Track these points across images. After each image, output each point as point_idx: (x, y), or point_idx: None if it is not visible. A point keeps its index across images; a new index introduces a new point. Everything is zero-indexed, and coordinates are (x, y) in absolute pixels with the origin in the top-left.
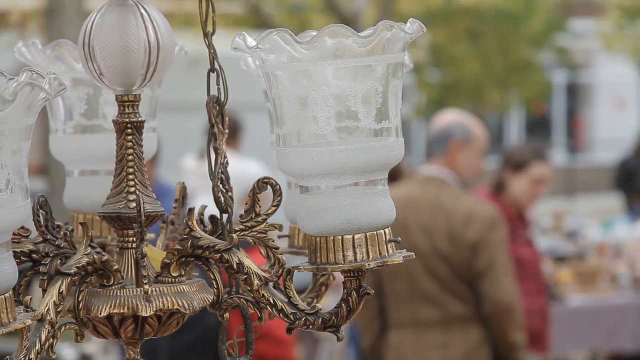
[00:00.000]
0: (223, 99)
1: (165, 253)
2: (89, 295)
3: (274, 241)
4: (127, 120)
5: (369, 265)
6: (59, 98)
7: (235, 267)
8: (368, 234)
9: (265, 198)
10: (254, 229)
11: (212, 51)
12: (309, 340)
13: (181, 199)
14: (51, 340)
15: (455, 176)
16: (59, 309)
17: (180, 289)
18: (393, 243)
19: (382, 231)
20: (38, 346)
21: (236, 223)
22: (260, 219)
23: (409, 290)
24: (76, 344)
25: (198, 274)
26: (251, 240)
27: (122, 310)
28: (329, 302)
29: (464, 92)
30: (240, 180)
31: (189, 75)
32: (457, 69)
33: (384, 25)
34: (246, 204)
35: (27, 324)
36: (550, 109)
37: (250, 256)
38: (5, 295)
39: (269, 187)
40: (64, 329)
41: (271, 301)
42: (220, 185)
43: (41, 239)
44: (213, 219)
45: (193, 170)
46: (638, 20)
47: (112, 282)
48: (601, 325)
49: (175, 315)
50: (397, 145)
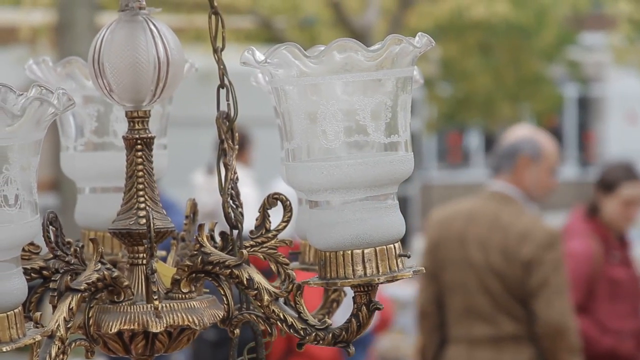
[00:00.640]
0: (233, 114)
1: (175, 269)
2: (99, 311)
3: (284, 257)
4: (137, 136)
5: (378, 279)
6: (70, 115)
7: (245, 283)
8: (377, 249)
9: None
10: (264, 245)
11: (222, 67)
12: None
13: (191, 215)
14: (61, 356)
15: (521, 192)
16: (69, 325)
17: (191, 305)
18: (403, 257)
19: (392, 245)
20: None
21: (246, 239)
22: (270, 235)
23: (464, 305)
24: None
25: (208, 290)
26: (261, 256)
27: (133, 326)
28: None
29: (475, 106)
30: None
31: (200, 90)
32: (468, 82)
33: (392, 39)
34: (256, 220)
35: (37, 339)
36: (562, 123)
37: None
38: (15, 310)
39: (279, 203)
40: (74, 345)
41: (281, 316)
42: (230, 201)
43: (51, 255)
44: (223, 234)
45: (202, 186)
46: None
47: (122, 298)
48: None
49: (186, 331)
50: (407, 159)
